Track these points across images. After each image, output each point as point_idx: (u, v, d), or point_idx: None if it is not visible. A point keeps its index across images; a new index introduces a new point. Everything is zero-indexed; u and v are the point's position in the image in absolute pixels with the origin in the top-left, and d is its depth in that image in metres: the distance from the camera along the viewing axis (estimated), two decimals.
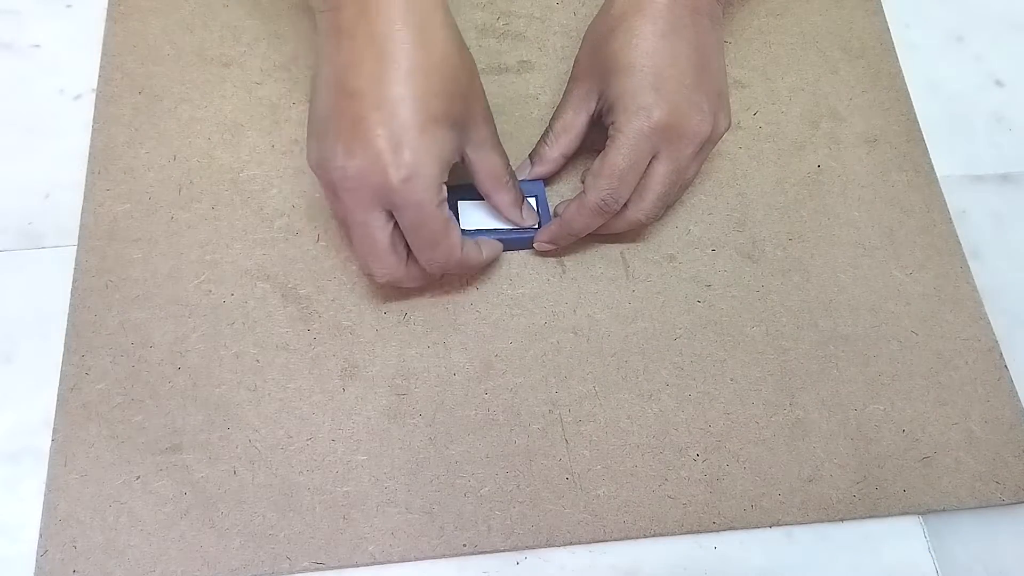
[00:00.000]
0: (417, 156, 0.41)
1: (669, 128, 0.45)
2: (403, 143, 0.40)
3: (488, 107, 0.47)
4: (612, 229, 0.49)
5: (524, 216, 0.49)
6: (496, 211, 0.49)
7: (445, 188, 0.43)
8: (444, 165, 0.42)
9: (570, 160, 0.52)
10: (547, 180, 0.53)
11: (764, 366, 0.50)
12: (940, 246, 0.54)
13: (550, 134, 0.51)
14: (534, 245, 0.51)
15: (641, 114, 0.45)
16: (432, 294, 0.50)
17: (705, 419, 0.49)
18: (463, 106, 0.44)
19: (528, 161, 0.52)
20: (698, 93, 0.45)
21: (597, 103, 0.48)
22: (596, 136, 0.49)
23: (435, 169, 0.42)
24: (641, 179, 0.47)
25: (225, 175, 0.52)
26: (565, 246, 0.51)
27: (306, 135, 0.44)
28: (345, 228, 0.46)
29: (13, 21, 0.57)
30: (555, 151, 0.51)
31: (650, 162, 0.46)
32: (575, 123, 0.50)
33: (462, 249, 0.45)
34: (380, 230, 0.43)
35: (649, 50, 0.45)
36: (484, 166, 0.47)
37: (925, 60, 0.61)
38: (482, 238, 0.49)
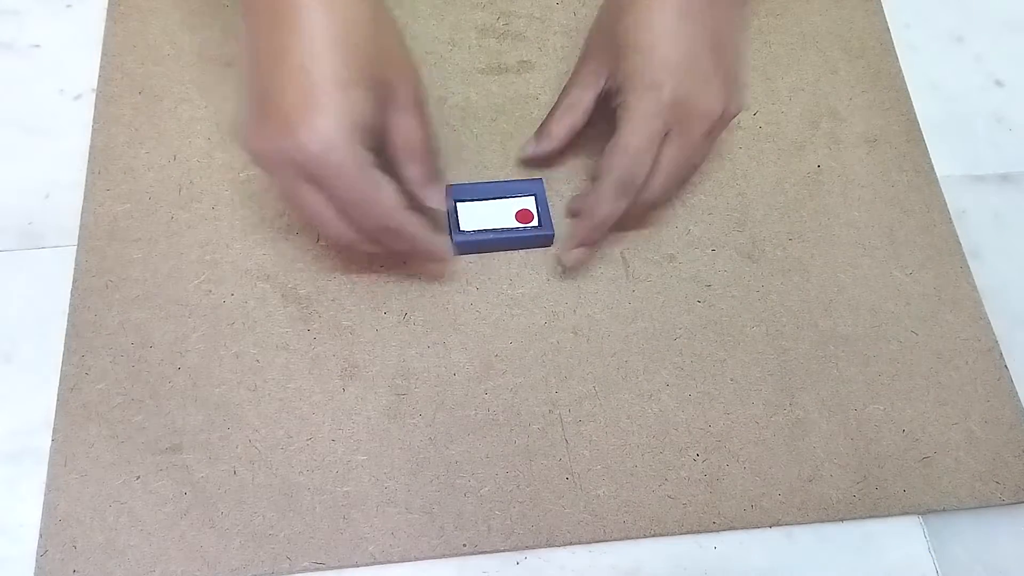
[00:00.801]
0: (326, 120, 0.39)
1: (680, 106, 0.45)
2: (311, 110, 0.39)
3: (413, 71, 0.45)
4: (631, 218, 0.48)
5: (430, 197, 0.46)
6: (406, 185, 0.46)
7: (370, 155, 0.41)
8: (358, 128, 0.41)
9: (576, 138, 0.51)
10: (551, 159, 0.52)
11: (764, 366, 0.50)
12: (940, 246, 0.54)
13: (556, 110, 0.51)
14: (564, 262, 0.50)
15: (651, 92, 0.45)
16: (432, 294, 0.50)
17: (705, 419, 0.48)
18: (379, 67, 0.42)
19: (533, 139, 0.52)
20: (711, 72, 0.45)
21: (606, 82, 0.48)
22: (600, 121, 0.49)
23: (348, 132, 0.40)
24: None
25: (225, 175, 0.52)
26: (599, 241, 0.49)
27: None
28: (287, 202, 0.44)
29: (13, 21, 0.57)
30: (561, 127, 0.50)
31: (663, 141, 0.46)
32: (582, 100, 0.49)
33: (398, 213, 0.43)
34: (314, 199, 0.42)
35: (661, 30, 0.45)
36: (399, 132, 0.44)
37: (925, 60, 0.61)
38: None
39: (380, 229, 0.44)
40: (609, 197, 0.46)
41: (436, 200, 0.47)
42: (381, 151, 0.44)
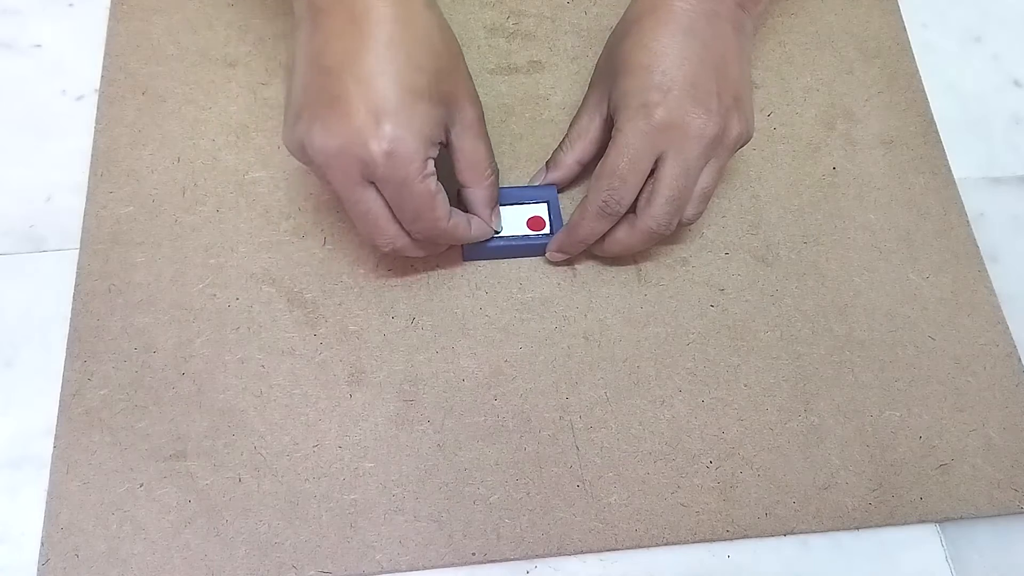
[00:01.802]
0: (398, 130, 0.40)
1: (672, 127, 0.44)
2: (383, 117, 0.40)
3: (475, 92, 0.46)
4: (628, 245, 0.48)
5: (492, 219, 0.48)
6: (468, 206, 0.48)
7: (432, 163, 0.42)
8: (426, 140, 0.41)
9: (587, 166, 0.51)
10: (563, 186, 0.52)
11: (778, 372, 0.49)
12: (957, 249, 0.53)
13: (566, 140, 0.51)
14: (546, 254, 0.50)
15: (641, 113, 0.44)
16: (440, 298, 0.49)
17: (718, 425, 0.48)
18: (447, 84, 0.43)
19: (544, 167, 0.52)
20: (706, 93, 0.44)
21: (609, 106, 0.47)
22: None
23: (417, 143, 0.41)
24: (649, 183, 0.46)
25: (230, 177, 0.52)
26: (576, 254, 0.50)
27: (284, 119, 0.43)
28: (341, 204, 0.45)
29: (14, 21, 0.57)
30: (570, 157, 0.51)
31: (657, 165, 0.45)
32: (590, 128, 0.49)
33: (448, 221, 0.44)
34: (373, 202, 0.42)
35: (658, 51, 0.45)
36: (466, 153, 0.45)
37: (942, 60, 0.60)
38: (473, 216, 0.47)
39: (423, 235, 0.44)
40: (589, 217, 0.47)
41: (498, 223, 0.49)
42: (439, 163, 0.44)
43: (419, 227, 0.44)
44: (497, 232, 0.49)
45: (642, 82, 0.44)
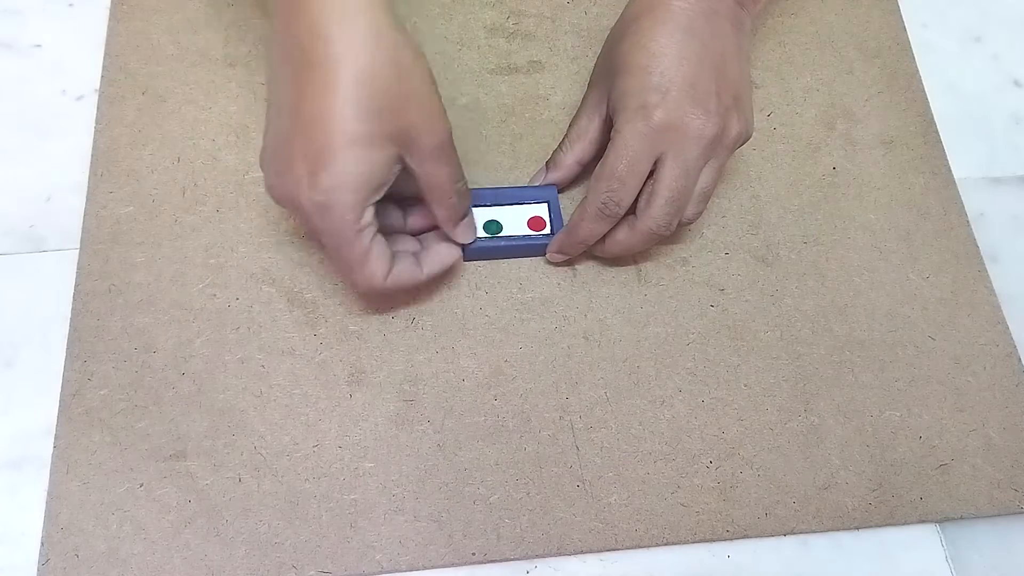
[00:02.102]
0: (334, 180, 0.39)
1: (670, 128, 0.44)
2: (320, 167, 0.39)
3: (439, 114, 0.42)
4: (629, 246, 0.48)
5: (459, 233, 0.47)
6: (438, 223, 0.46)
7: (371, 210, 0.41)
8: (370, 186, 0.40)
9: (587, 166, 0.51)
10: (563, 187, 0.52)
11: (778, 372, 0.49)
12: (957, 249, 0.53)
13: (565, 140, 0.51)
14: (546, 256, 0.50)
15: (640, 114, 0.44)
16: (440, 298, 0.49)
17: (719, 425, 0.48)
18: (403, 118, 0.40)
19: (544, 168, 0.52)
20: (705, 93, 0.44)
21: (607, 107, 0.47)
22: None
23: (356, 193, 0.39)
24: (648, 184, 0.46)
25: (230, 177, 0.52)
26: (576, 255, 0.50)
27: None
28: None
29: (14, 21, 0.57)
30: (570, 157, 0.50)
31: (657, 166, 0.45)
32: (588, 129, 0.49)
33: (387, 276, 0.43)
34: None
35: (656, 51, 0.44)
36: (425, 178, 0.43)
37: (942, 60, 0.60)
38: (433, 245, 0.47)
39: (365, 290, 0.44)
40: (588, 219, 0.47)
41: (464, 236, 0.47)
42: (406, 191, 0.44)
43: (354, 282, 0.43)
44: (467, 244, 0.48)
45: (640, 83, 0.44)
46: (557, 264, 0.51)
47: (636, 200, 0.46)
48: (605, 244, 0.49)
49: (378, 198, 0.41)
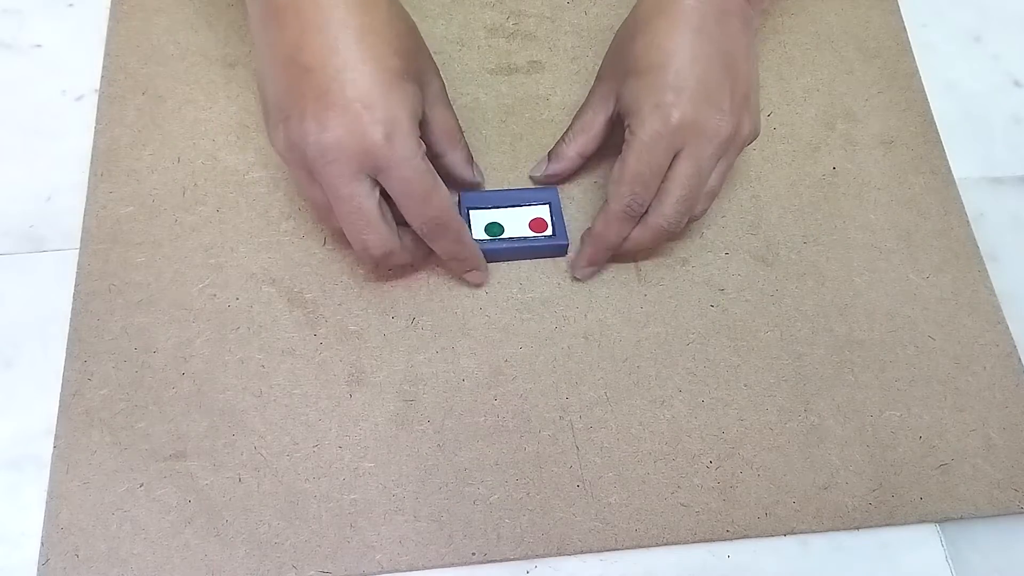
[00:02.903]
0: (391, 112, 0.40)
1: (687, 127, 0.44)
2: (375, 102, 0.40)
3: (436, 64, 0.47)
4: (638, 242, 0.48)
5: (475, 174, 0.50)
6: (450, 169, 0.49)
7: (423, 142, 0.43)
8: (416, 119, 0.42)
9: (588, 160, 0.51)
10: (561, 184, 0.52)
11: (778, 372, 0.49)
12: (957, 249, 0.53)
13: (569, 132, 0.51)
14: (575, 275, 0.50)
15: (657, 114, 0.44)
16: (440, 298, 0.49)
17: (718, 425, 0.48)
18: (417, 62, 0.44)
19: (546, 158, 0.52)
20: (720, 92, 0.44)
21: (616, 104, 0.47)
22: (616, 139, 0.48)
23: (411, 123, 0.41)
24: (661, 182, 0.46)
25: (230, 177, 0.52)
26: (604, 263, 0.50)
27: (266, 125, 0.43)
28: (325, 210, 0.44)
29: (14, 21, 0.57)
30: (572, 149, 0.51)
31: (671, 163, 0.45)
32: (593, 123, 0.49)
33: (453, 207, 0.44)
34: (368, 198, 0.42)
35: (670, 50, 0.44)
36: (439, 122, 0.46)
37: (942, 60, 0.60)
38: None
39: (432, 223, 0.44)
40: (614, 222, 0.47)
41: (479, 175, 0.51)
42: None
43: (427, 210, 0.43)
44: (479, 183, 0.51)
45: (656, 82, 0.44)
46: (582, 279, 0.51)
47: None
48: None
49: (419, 134, 0.43)
